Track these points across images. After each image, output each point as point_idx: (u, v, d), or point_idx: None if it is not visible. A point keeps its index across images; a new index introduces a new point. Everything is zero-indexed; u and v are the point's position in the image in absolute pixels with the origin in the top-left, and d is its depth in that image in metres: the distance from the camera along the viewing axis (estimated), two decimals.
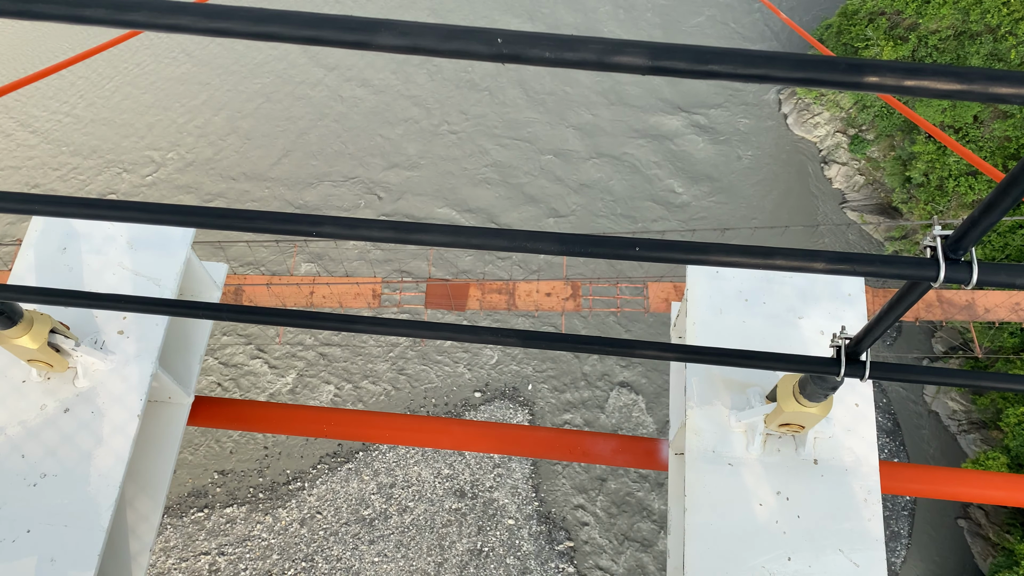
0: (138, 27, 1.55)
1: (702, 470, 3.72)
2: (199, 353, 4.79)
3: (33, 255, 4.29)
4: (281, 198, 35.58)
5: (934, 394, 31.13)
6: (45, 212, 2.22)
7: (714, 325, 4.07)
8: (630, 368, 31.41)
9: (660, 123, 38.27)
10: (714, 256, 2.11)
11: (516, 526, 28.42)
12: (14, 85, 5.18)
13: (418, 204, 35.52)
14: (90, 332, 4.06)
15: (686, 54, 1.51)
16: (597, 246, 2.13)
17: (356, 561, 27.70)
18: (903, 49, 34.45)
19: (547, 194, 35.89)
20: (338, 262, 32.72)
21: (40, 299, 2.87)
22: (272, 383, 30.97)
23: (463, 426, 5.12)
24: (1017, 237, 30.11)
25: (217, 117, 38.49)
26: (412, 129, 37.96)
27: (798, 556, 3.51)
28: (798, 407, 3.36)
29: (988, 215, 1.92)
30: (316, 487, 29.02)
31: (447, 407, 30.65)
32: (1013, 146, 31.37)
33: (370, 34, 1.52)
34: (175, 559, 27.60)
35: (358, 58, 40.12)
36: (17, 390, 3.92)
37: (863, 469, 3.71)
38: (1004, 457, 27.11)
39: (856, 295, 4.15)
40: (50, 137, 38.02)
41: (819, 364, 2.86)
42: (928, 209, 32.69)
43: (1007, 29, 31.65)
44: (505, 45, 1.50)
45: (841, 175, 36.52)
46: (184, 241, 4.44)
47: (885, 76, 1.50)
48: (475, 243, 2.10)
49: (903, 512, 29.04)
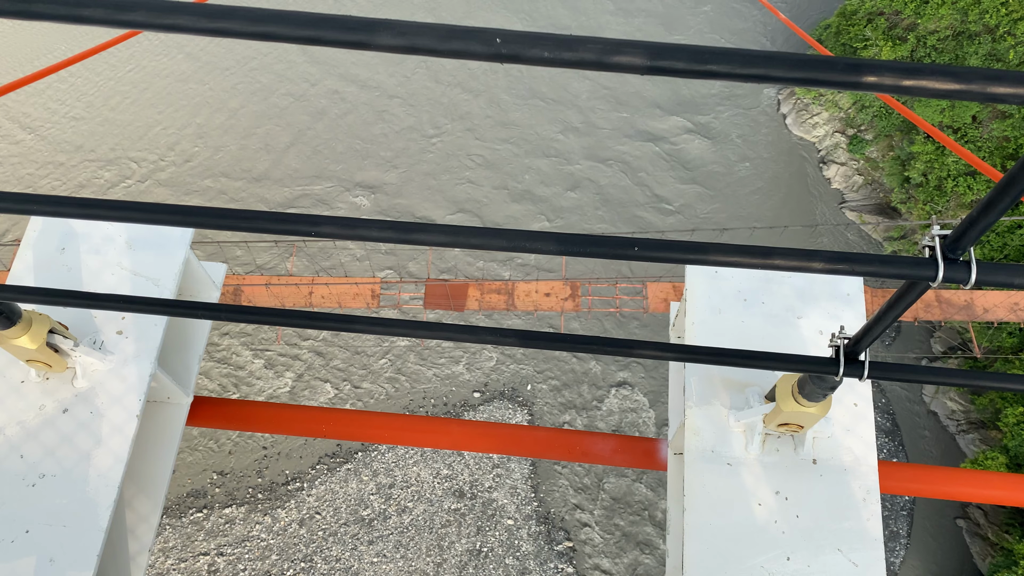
0: (137, 27, 1.55)
1: (701, 470, 3.72)
2: (198, 353, 4.79)
3: (32, 255, 4.29)
4: (279, 197, 35.57)
5: (933, 394, 31.15)
6: (43, 212, 2.22)
7: (713, 325, 4.08)
8: (629, 368, 31.41)
9: (658, 123, 38.28)
10: (713, 256, 2.11)
11: (515, 526, 28.41)
12: (12, 85, 5.18)
13: (416, 204, 35.52)
14: (89, 332, 4.05)
15: (685, 54, 1.52)
16: (596, 246, 2.13)
17: (355, 561, 27.68)
18: (902, 49, 34.47)
19: (543, 194, 35.89)
20: (336, 262, 32.71)
21: (39, 299, 2.87)
22: (271, 383, 30.95)
23: (462, 426, 5.12)
24: (1016, 237, 30.13)
25: (216, 117, 38.47)
26: (411, 129, 37.96)
27: (797, 556, 3.51)
28: (797, 407, 3.36)
29: (987, 215, 1.92)
30: (315, 487, 29.01)
31: (446, 407, 30.64)
32: (1011, 146, 31.39)
33: (369, 34, 1.52)
34: (174, 559, 27.58)
35: (356, 58, 40.11)
36: (16, 390, 3.91)
37: (862, 469, 3.71)
38: (1003, 457, 27.12)
39: (855, 295, 4.16)
40: (48, 137, 37.99)
41: (818, 364, 2.86)
42: (927, 209, 32.71)
43: (1005, 29, 31.67)
44: (504, 45, 1.50)
45: (840, 175, 36.53)
46: (183, 241, 4.44)
47: (884, 76, 1.51)
48: (474, 243, 2.10)
49: (902, 512, 29.06)
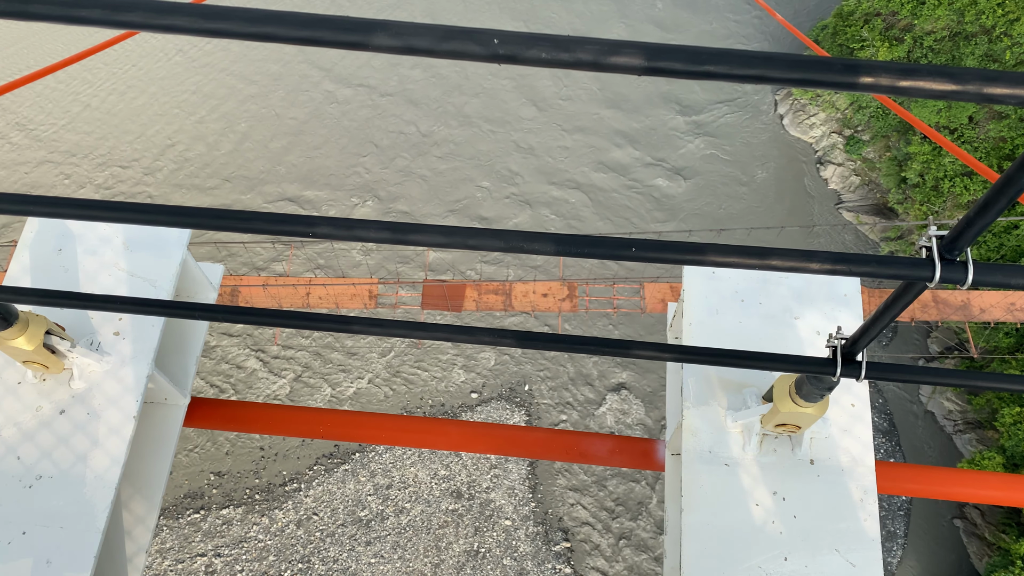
0: (134, 28, 1.55)
1: (698, 470, 3.72)
2: (195, 354, 4.78)
3: (28, 256, 4.28)
4: (278, 198, 35.53)
5: (930, 394, 31.19)
6: (40, 213, 2.22)
7: (710, 325, 4.08)
8: (627, 368, 31.42)
9: (655, 123, 38.30)
10: (710, 257, 2.11)
11: (513, 527, 28.40)
12: (9, 86, 5.17)
13: (413, 206, 35.50)
14: (86, 333, 4.04)
15: (682, 55, 1.52)
16: (593, 247, 2.13)
17: (353, 562, 27.65)
18: (898, 50, 34.53)
19: (542, 196, 35.89)
20: (335, 262, 32.70)
21: (35, 300, 2.86)
22: (269, 384, 30.91)
23: (460, 427, 5.11)
24: (1012, 237, 30.20)
25: (212, 118, 38.43)
26: (408, 130, 37.94)
27: (794, 556, 3.51)
28: (794, 407, 3.36)
29: (983, 215, 1.92)
30: (312, 488, 28.97)
31: (444, 408, 30.62)
32: (1008, 146, 31.46)
33: (366, 35, 1.52)
34: (171, 561, 27.53)
35: (353, 59, 40.09)
36: (12, 392, 3.90)
37: (859, 469, 3.71)
38: (1000, 457, 27.17)
39: (852, 295, 4.16)
40: (45, 138, 37.93)
41: (815, 364, 2.86)
42: (924, 210, 32.77)
43: (1002, 30, 31.75)
44: (501, 46, 1.50)
45: (837, 176, 36.58)
46: (180, 242, 4.43)
47: (880, 77, 1.51)
48: (471, 244, 2.10)
49: (899, 512, 29.09)
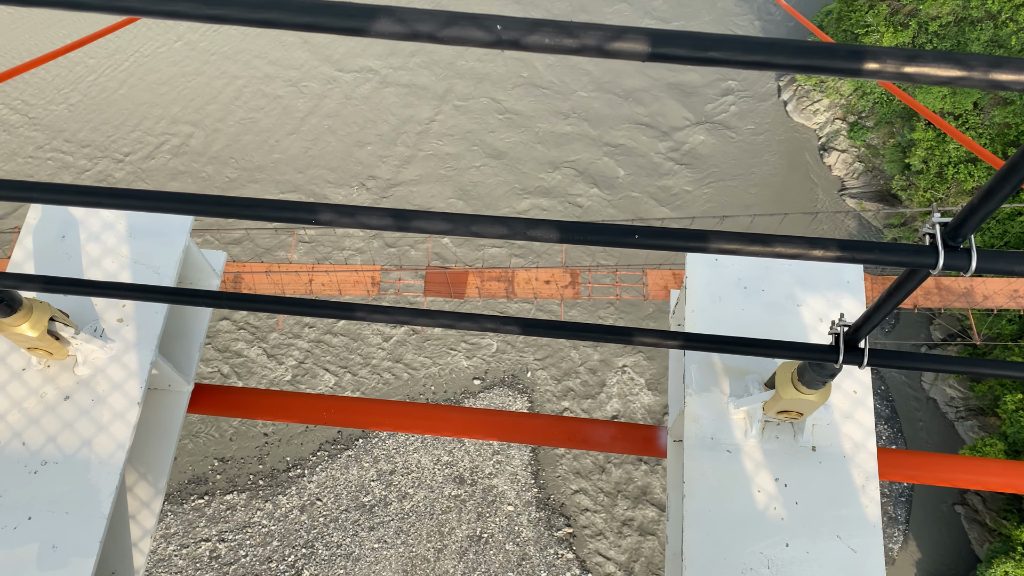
0: (135, 13, 1.54)
1: (701, 457, 3.73)
2: (199, 341, 4.79)
3: (32, 243, 4.29)
4: (278, 186, 35.49)
5: (932, 381, 31.21)
6: (43, 200, 2.22)
7: (713, 312, 4.07)
8: (629, 355, 31.45)
9: (659, 110, 38.14)
10: (713, 244, 2.10)
11: (515, 512, 28.54)
12: (10, 73, 5.16)
13: (416, 192, 35.44)
14: (89, 320, 4.05)
15: (686, 41, 1.51)
16: (596, 234, 2.12)
17: (356, 547, 27.83)
18: (903, 36, 34.30)
19: (545, 181, 35.80)
20: (338, 249, 32.69)
21: (39, 287, 2.87)
22: (272, 371, 31.00)
23: (462, 413, 5.12)
24: (1016, 224, 30.09)
25: (213, 105, 38.33)
26: (408, 117, 37.82)
27: (796, 542, 3.53)
28: (796, 394, 3.36)
29: (987, 202, 1.91)
30: (316, 474, 29.12)
31: (446, 395, 30.71)
32: (1013, 133, 31.29)
33: (367, 20, 1.51)
34: (176, 546, 27.73)
35: (354, 44, 39.91)
36: (17, 377, 3.92)
37: (861, 456, 3.72)
38: (1001, 444, 27.21)
39: (855, 282, 4.15)
40: (47, 125, 37.86)
41: (817, 351, 2.86)
42: (927, 196, 32.65)
43: (1008, 16, 31.51)
44: (504, 31, 1.50)
45: (840, 162, 36.44)
46: (183, 229, 4.43)
47: (885, 63, 1.50)
48: (474, 230, 2.09)
49: (900, 498, 29.18)
